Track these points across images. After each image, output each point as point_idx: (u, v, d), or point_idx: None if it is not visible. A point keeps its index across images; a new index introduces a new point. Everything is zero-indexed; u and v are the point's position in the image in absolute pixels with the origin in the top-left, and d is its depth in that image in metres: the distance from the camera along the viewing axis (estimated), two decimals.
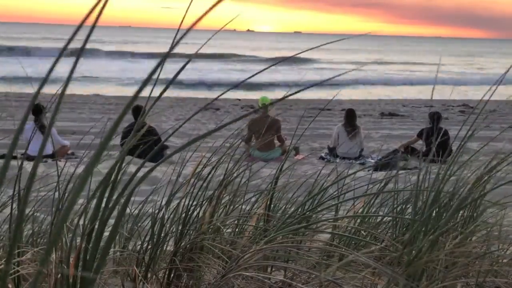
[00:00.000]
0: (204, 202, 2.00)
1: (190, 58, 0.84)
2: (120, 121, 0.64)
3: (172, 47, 0.66)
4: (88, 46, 0.62)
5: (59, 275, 1.37)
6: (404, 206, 2.17)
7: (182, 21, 0.99)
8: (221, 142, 2.25)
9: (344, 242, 2.02)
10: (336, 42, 1.18)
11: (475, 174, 1.82)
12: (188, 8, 1.02)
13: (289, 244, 1.74)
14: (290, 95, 0.81)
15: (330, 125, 12.56)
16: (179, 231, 1.93)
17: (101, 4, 0.55)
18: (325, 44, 1.07)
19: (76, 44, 0.62)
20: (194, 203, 1.98)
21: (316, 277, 1.59)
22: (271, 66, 1.01)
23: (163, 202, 1.94)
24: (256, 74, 0.93)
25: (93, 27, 0.55)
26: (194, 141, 0.74)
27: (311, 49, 1.06)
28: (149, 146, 1.80)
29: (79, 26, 0.56)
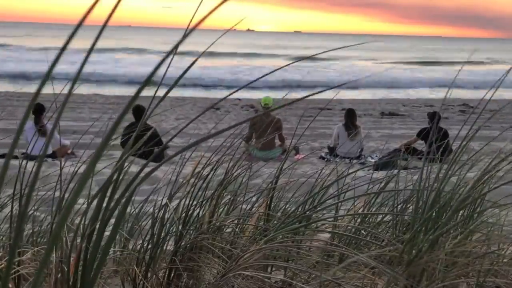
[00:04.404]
0: (204, 202, 2.01)
1: (196, 59, 0.83)
2: (120, 121, 0.64)
3: (173, 49, 0.66)
4: (88, 45, 0.62)
5: (59, 275, 1.37)
6: (404, 206, 2.17)
7: (190, 21, 0.99)
8: (221, 142, 2.25)
9: (344, 241, 2.02)
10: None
11: (475, 174, 1.82)
12: (197, 9, 1.02)
13: (289, 244, 1.74)
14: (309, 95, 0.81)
15: (330, 124, 12.55)
16: (179, 230, 1.93)
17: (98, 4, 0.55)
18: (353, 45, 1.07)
19: (75, 43, 0.62)
20: (194, 202, 1.98)
21: (316, 276, 1.59)
22: (287, 65, 1.01)
23: (163, 202, 1.94)
24: (268, 73, 0.93)
25: (103, 27, 0.55)
26: (197, 143, 0.74)
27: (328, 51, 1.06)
28: (149, 145, 1.81)
29: (78, 26, 0.56)
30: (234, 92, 0.96)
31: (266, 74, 0.95)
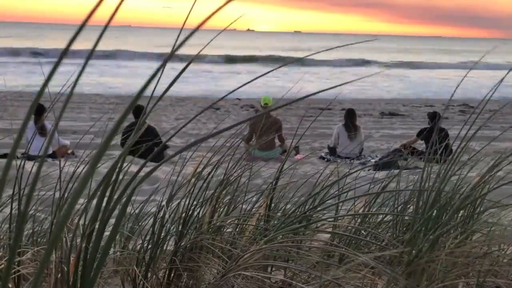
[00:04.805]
0: (204, 202, 2.00)
1: (193, 58, 0.84)
2: (121, 122, 0.64)
3: (175, 49, 0.66)
4: (87, 46, 0.62)
5: (59, 275, 1.37)
6: (404, 206, 2.17)
7: (184, 22, 0.99)
8: (221, 142, 2.25)
9: (345, 241, 2.02)
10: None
11: (476, 173, 1.82)
12: (191, 9, 1.02)
13: (289, 244, 1.74)
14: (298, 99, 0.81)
15: (330, 124, 12.56)
16: (179, 230, 1.93)
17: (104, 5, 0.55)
18: (343, 46, 1.07)
19: (77, 44, 0.62)
20: (195, 203, 1.98)
21: (316, 277, 1.59)
22: (279, 67, 1.01)
23: (164, 202, 1.94)
24: (258, 77, 0.93)
25: (104, 28, 0.55)
26: (199, 142, 0.74)
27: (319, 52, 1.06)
28: (150, 146, 1.81)
29: (81, 27, 0.56)
30: (229, 93, 0.96)
31: (247, 83, 0.95)
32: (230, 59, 39.21)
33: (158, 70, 0.63)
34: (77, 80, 0.59)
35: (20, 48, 39.12)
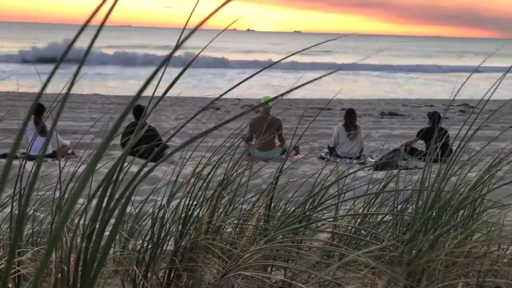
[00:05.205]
0: (204, 202, 2.01)
1: (193, 59, 0.84)
2: (121, 121, 0.64)
3: (174, 50, 0.66)
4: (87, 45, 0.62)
5: (59, 275, 1.37)
6: (404, 206, 2.17)
7: (186, 22, 0.99)
8: (221, 142, 2.25)
9: (344, 241, 2.02)
10: (334, 40, 1.18)
11: (476, 173, 1.82)
12: (193, 10, 1.02)
13: (289, 244, 1.74)
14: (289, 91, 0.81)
15: (330, 124, 12.56)
16: (179, 230, 1.93)
17: (105, 5, 0.55)
18: (323, 43, 1.07)
19: (78, 44, 0.62)
20: (194, 202, 1.98)
21: (316, 276, 1.59)
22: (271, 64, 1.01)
23: (163, 202, 1.94)
24: (252, 76, 0.93)
25: (99, 29, 0.55)
26: (194, 139, 0.74)
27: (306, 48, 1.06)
28: (150, 146, 1.81)
29: (83, 28, 0.56)
30: (228, 91, 0.97)
31: (241, 82, 0.95)
32: (233, 61, 39.09)
33: (157, 70, 0.63)
34: (73, 82, 0.59)
35: (19, 48, 39.07)
